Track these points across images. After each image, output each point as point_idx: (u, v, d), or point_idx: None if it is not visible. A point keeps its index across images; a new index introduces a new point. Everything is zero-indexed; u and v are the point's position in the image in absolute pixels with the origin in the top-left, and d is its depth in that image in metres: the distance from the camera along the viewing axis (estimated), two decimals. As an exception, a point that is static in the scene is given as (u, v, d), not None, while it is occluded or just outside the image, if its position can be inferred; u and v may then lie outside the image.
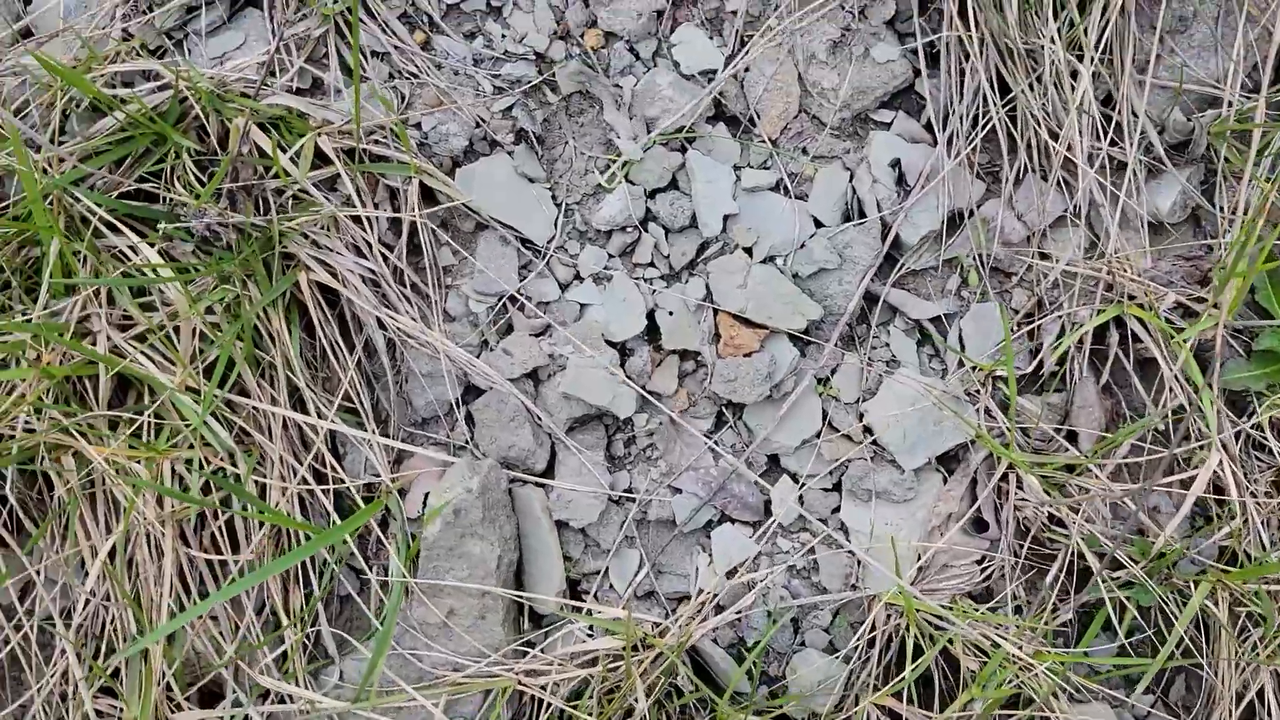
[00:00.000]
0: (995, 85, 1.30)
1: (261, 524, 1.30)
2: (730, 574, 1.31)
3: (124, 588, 1.27)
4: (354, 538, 1.29)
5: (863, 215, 1.32)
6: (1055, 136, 1.30)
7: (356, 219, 1.26)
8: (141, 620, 1.29)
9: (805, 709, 1.30)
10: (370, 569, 1.33)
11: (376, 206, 1.29)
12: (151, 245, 1.22)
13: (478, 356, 1.32)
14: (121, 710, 1.28)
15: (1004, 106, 1.30)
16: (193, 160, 1.23)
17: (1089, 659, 1.28)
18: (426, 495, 1.29)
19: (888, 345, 1.34)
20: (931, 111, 1.32)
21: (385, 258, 1.28)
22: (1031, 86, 1.29)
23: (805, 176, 1.33)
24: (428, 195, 1.31)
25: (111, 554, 1.27)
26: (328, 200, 1.25)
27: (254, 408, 1.28)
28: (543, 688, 1.26)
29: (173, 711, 1.33)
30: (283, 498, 1.30)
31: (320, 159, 1.26)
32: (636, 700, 1.24)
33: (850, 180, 1.32)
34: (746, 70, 1.32)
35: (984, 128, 1.31)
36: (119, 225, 1.25)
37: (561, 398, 1.28)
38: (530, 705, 1.30)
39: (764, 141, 1.33)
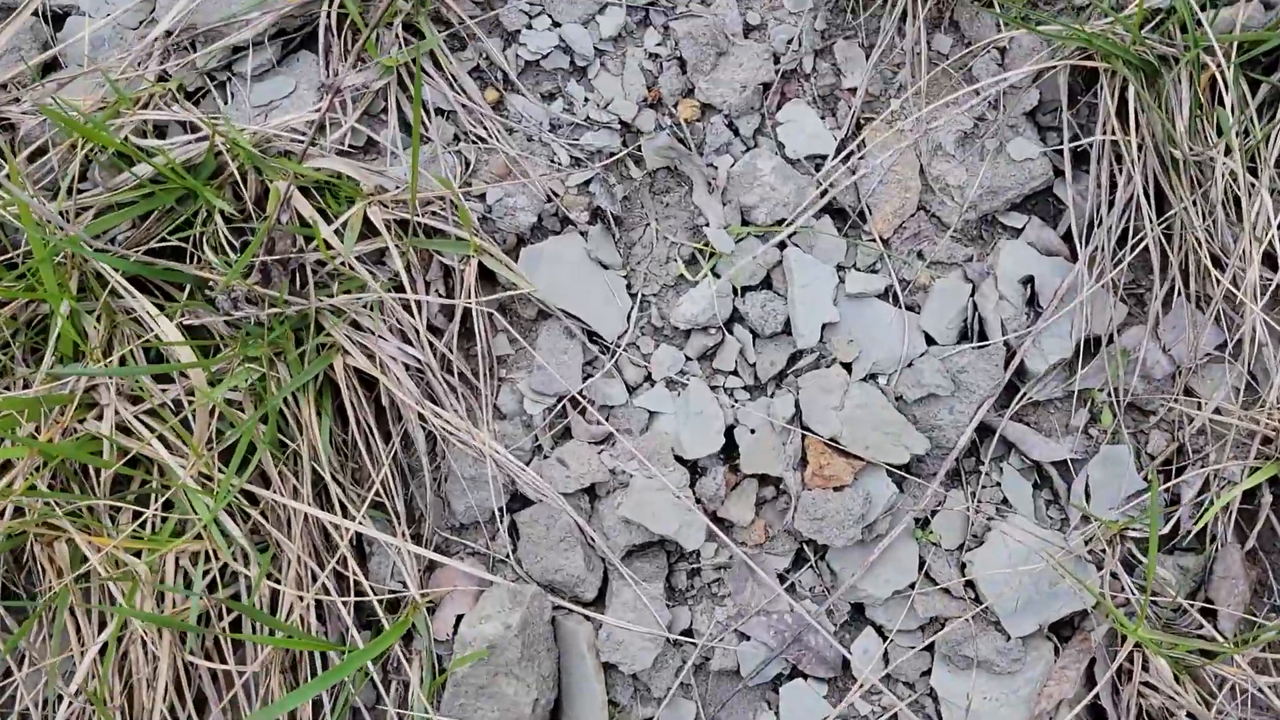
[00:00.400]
0: (1151, 197, 1.12)
1: (272, 632, 1.15)
2: (798, 738, 1.14)
3: (110, 693, 1.12)
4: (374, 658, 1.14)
5: (983, 336, 1.14)
6: (1218, 263, 1.11)
7: (404, 301, 1.11)
8: (130, 730, 1.14)
9: None
10: (387, 691, 1.17)
11: (428, 287, 1.13)
12: (171, 318, 1.08)
13: (528, 464, 1.15)
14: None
15: (1160, 223, 1.12)
16: (226, 223, 1.09)
17: None
18: (459, 620, 1.13)
19: (999, 485, 1.15)
20: (1073, 220, 1.14)
21: (432, 345, 1.13)
22: (1195, 203, 1.10)
23: (919, 285, 1.16)
24: (486, 276, 1.15)
25: (103, 650, 1.13)
26: (373, 276, 1.10)
27: (273, 501, 1.13)
28: None
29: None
30: (299, 604, 1.15)
31: (368, 229, 1.11)
32: None
33: (972, 294, 1.14)
34: (861, 158, 1.15)
35: (1135, 246, 1.12)
36: (141, 286, 1.11)
37: (621, 521, 1.12)
38: None
39: (874, 241, 1.16)
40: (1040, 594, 1.11)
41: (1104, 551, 1.13)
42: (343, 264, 1.08)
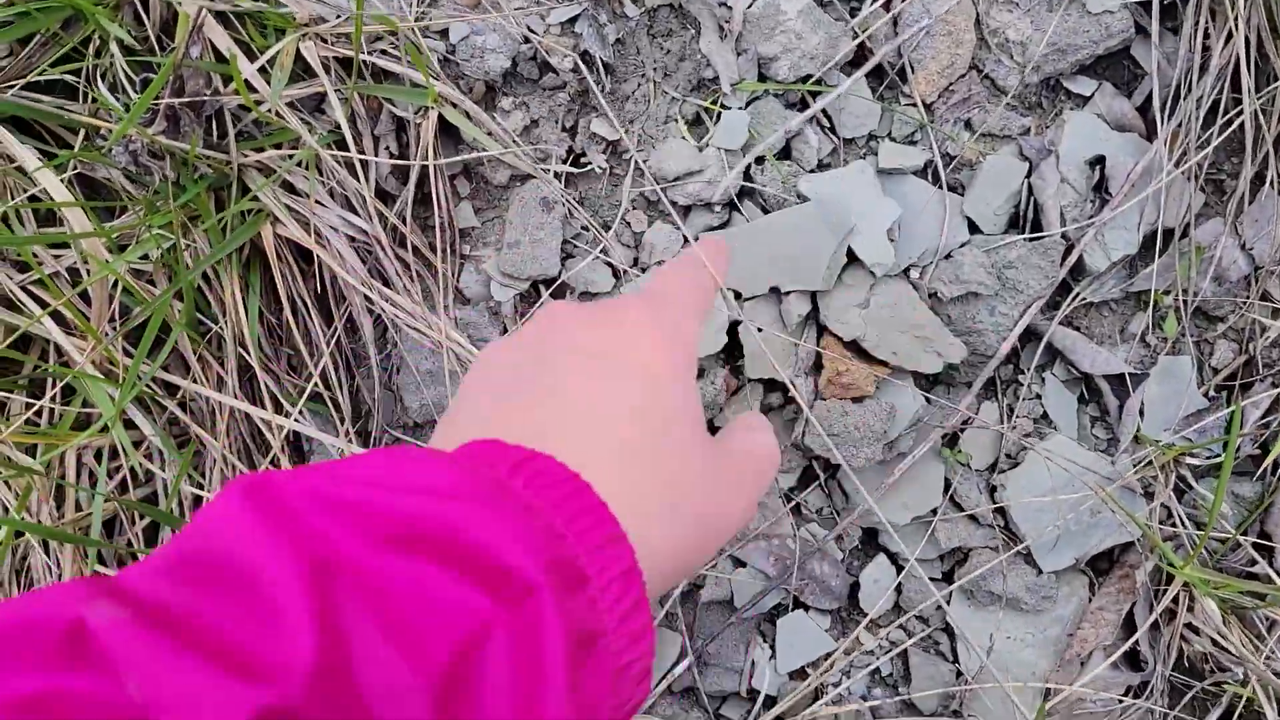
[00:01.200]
0: (1251, 66, 0.93)
1: (194, 542, 1.00)
2: (795, 674, 1.01)
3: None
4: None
5: (1037, 225, 0.96)
6: (1324, 147, 0.93)
7: (348, 159, 0.91)
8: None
9: (866, 846, 1.02)
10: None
11: (377, 144, 0.93)
12: (61, 170, 0.88)
13: (495, 357, 0.98)
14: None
15: (1259, 96, 0.93)
16: (125, 55, 0.88)
17: (1249, 846, 0.98)
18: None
19: (1039, 399, 1.00)
20: (1155, 88, 0.95)
21: (381, 215, 0.94)
22: (1305, 73, 0.91)
23: (964, 161, 0.97)
24: (448, 131, 0.96)
25: (-2, 557, 0.98)
26: (309, 128, 0.90)
27: (194, 391, 0.96)
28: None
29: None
30: (222, 515, 0.99)
31: (303, 69, 0.90)
32: (655, 821, 0.96)
33: (1028, 175, 0.96)
34: (905, 4, 0.95)
35: (1227, 124, 0.94)
36: (26, 129, 0.91)
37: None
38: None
39: (915, 105, 0.96)
40: (1079, 525, 0.97)
41: (1155, 479, 0.98)
42: (270, 111, 0.88)
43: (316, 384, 0.98)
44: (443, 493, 0.39)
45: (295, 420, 0.96)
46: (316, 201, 0.92)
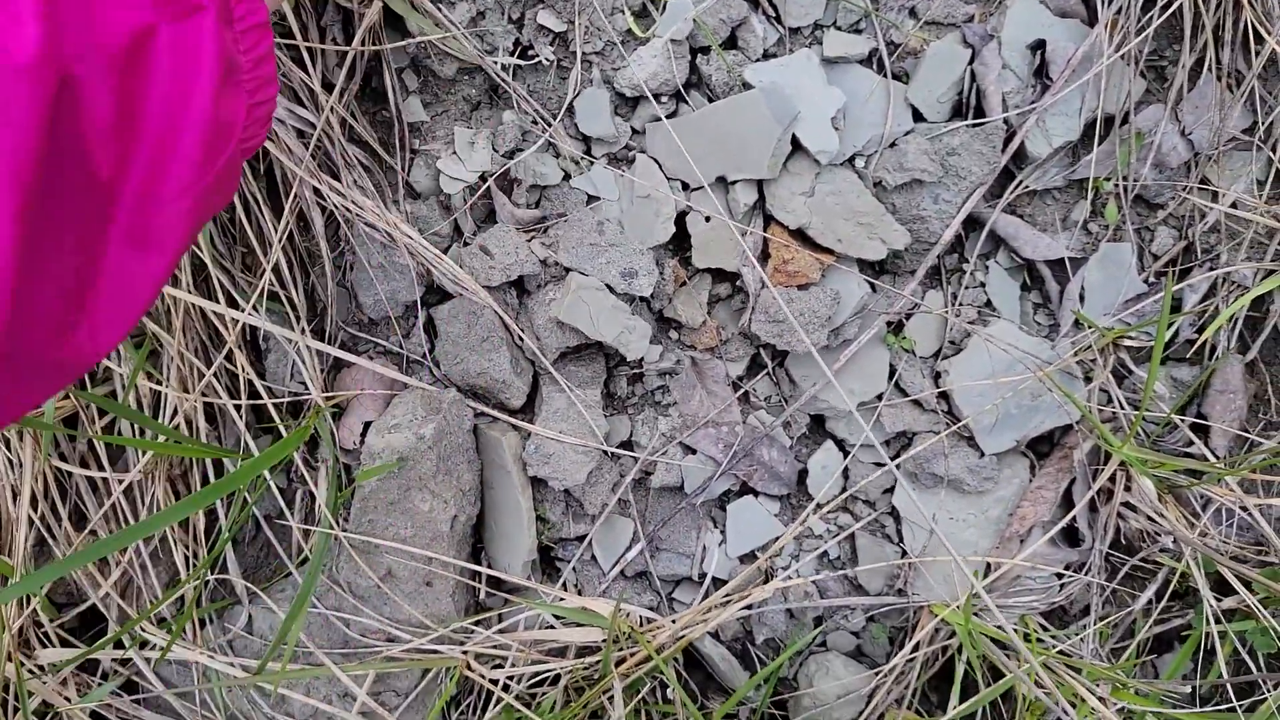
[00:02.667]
0: (1192, -53, 0.94)
1: (155, 437, 1.02)
2: (745, 558, 1.04)
3: (-29, 504, 0.99)
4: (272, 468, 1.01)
5: (980, 113, 0.98)
6: (1258, 35, 0.94)
7: (292, 47, 0.92)
8: (-4, 541, 1.02)
9: (817, 722, 1.06)
10: (290, 504, 1.05)
11: (323, 33, 0.93)
12: None
13: (446, 250, 1.00)
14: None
15: (1198, -20, 0.94)
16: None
17: (1179, 713, 1.02)
18: (367, 426, 1.00)
19: (983, 287, 1.02)
20: (1095, -25, 0.96)
21: (331, 108, 0.94)
22: (1243, -45, 0.92)
23: (908, 50, 0.98)
24: (395, 25, 0.96)
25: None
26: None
27: (147, 288, 0.97)
28: (495, 679, 1.00)
29: (41, 645, 1.08)
30: (184, 405, 1.00)
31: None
32: (612, 700, 0.99)
33: (971, 61, 0.97)
34: (849, -112, 0.95)
35: (1165, 7, 0.95)
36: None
37: (553, 321, 0.97)
38: (478, 693, 1.05)
39: (860, -7, 0.97)
40: (1020, 408, 1.00)
41: (1094, 362, 1.01)
42: None
43: (271, 281, 0.99)
44: None
45: (249, 314, 0.98)
46: (263, 94, 0.92)
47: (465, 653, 1.00)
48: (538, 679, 1.02)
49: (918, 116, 0.98)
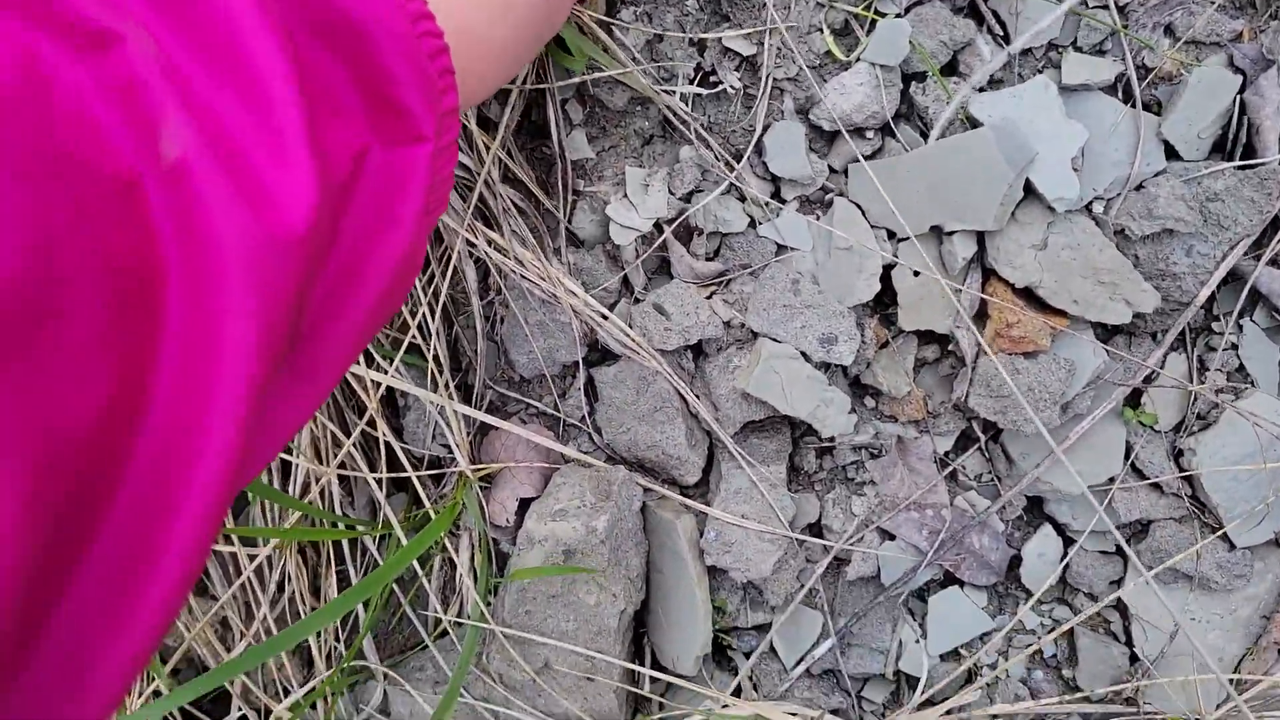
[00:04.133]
0: None
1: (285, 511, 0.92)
2: (948, 656, 0.91)
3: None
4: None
5: (1251, 150, 0.82)
6: None
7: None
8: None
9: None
10: (427, 571, 0.95)
11: (478, 64, 0.81)
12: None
13: (613, 307, 0.87)
14: None
15: None
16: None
17: None
18: (524, 505, 0.89)
19: (1235, 349, 0.87)
20: (1399, -16, 0.79)
21: (484, 144, 0.82)
22: None
23: (1163, 75, 0.82)
24: (559, 46, 0.83)
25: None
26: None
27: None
28: (664, 788, 0.89)
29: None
30: (316, 484, 0.90)
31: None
32: (791, 811, 0.88)
33: (1241, 90, 0.81)
34: (1101, -117, 0.79)
35: None
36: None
37: (737, 391, 0.84)
38: (642, 797, 0.95)
39: (1106, 8, 0.82)
40: (1279, 494, 0.85)
41: (1371, 443, 0.86)
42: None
43: (414, 336, 0.88)
44: None
45: (392, 375, 0.87)
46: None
47: (628, 755, 0.89)
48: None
49: (1171, 154, 0.83)
